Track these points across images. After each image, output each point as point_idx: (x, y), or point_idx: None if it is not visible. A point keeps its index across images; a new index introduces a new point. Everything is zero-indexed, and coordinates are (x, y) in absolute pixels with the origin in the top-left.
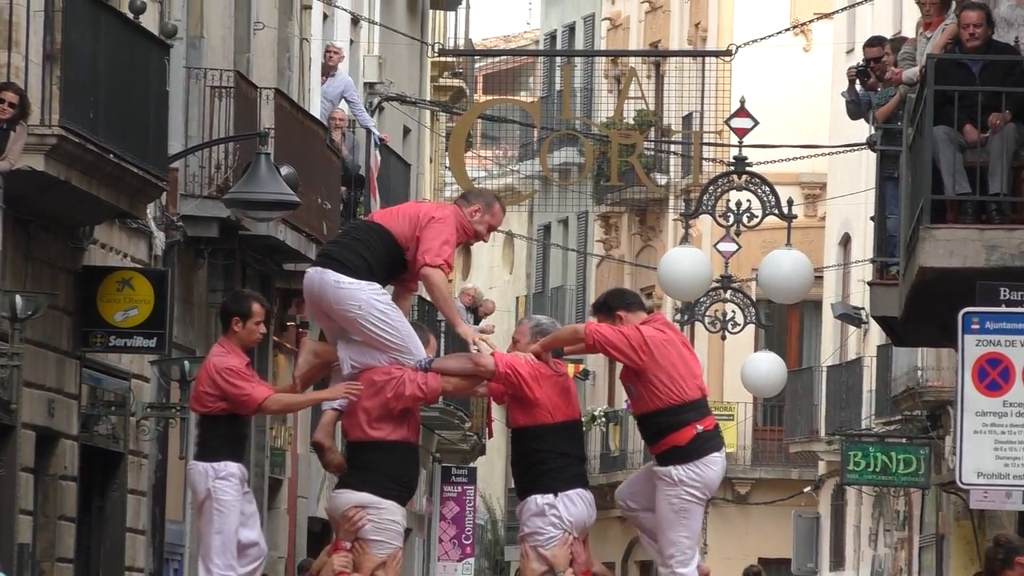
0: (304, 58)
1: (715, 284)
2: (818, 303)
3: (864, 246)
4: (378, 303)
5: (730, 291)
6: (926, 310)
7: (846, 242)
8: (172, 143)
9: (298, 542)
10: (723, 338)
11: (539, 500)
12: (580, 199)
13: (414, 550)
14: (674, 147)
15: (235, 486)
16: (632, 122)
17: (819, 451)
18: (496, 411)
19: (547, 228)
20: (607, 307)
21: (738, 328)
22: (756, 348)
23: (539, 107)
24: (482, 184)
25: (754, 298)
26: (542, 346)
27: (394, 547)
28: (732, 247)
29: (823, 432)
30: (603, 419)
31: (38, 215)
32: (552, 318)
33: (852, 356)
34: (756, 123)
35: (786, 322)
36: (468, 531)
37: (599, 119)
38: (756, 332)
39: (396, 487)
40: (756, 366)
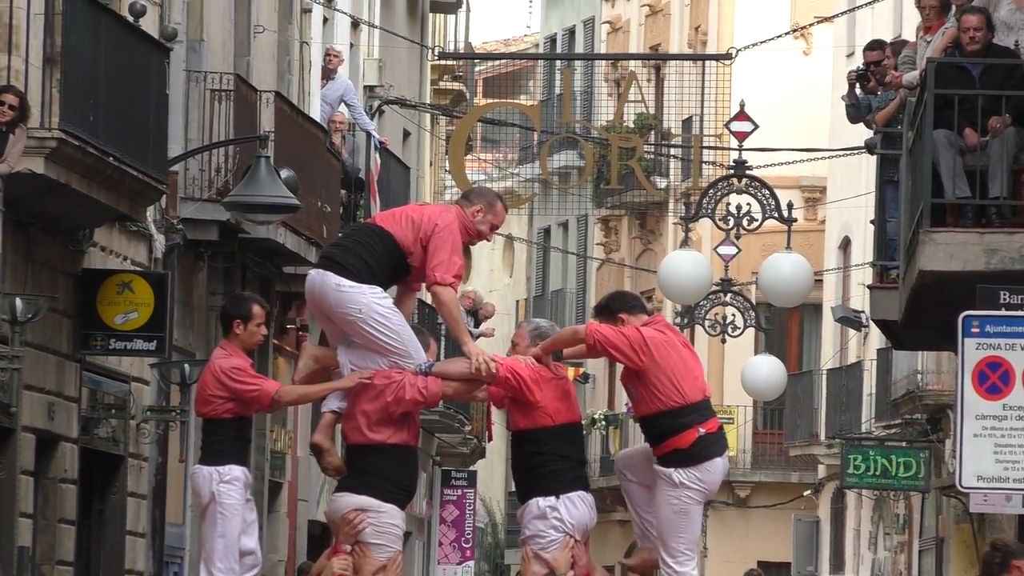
0: (304, 61)
1: (715, 287)
2: (818, 306)
3: (864, 249)
4: (379, 307)
5: (730, 294)
6: (926, 313)
7: (846, 245)
8: (172, 146)
9: (298, 545)
10: (723, 341)
11: (541, 503)
12: (580, 202)
13: (414, 553)
14: (674, 150)
15: (239, 490)
16: (632, 125)
17: (819, 454)
18: (496, 414)
19: (547, 231)
20: (608, 309)
21: (738, 331)
22: (756, 351)
23: (539, 110)
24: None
25: (754, 301)
26: (543, 349)
27: (394, 550)
28: (732, 250)
29: (823, 435)
30: (603, 422)
31: (38, 218)
32: (551, 321)
33: (852, 359)
34: (756, 127)
35: (786, 325)
36: (468, 534)
37: (599, 122)
38: (756, 335)
39: (396, 490)
40: (756, 369)
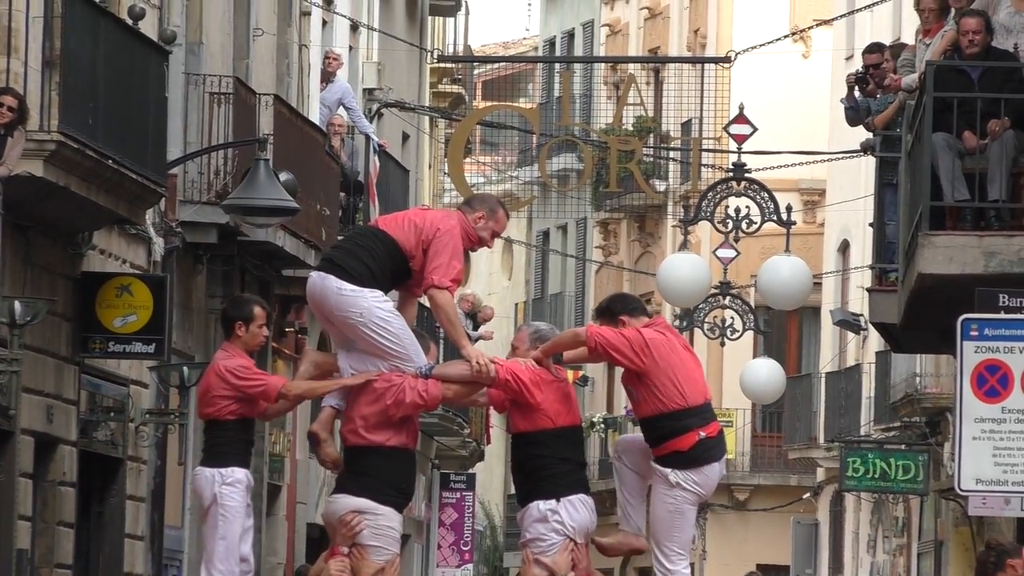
0: (303, 64)
1: (714, 290)
2: (817, 309)
3: (863, 252)
4: (379, 310)
5: (729, 297)
6: (925, 317)
7: (845, 248)
8: (171, 149)
9: (297, 548)
10: (722, 344)
11: (541, 506)
12: (579, 205)
13: (413, 556)
14: (673, 153)
15: (241, 493)
16: (631, 128)
17: (818, 457)
18: (495, 418)
19: (546, 234)
20: (610, 311)
21: (737, 334)
22: (755, 354)
23: (538, 113)
24: (481, 190)
25: (753, 304)
26: (543, 352)
27: (391, 553)
28: (731, 253)
29: (822, 438)
30: (602, 425)
31: (37, 221)
32: (551, 324)
33: (851, 363)
34: (755, 129)
35: (785, 328)
36: (467, 537)
37: (598, 125)
38: (755, 338)
39: (393, 493)
40: (755, 372)
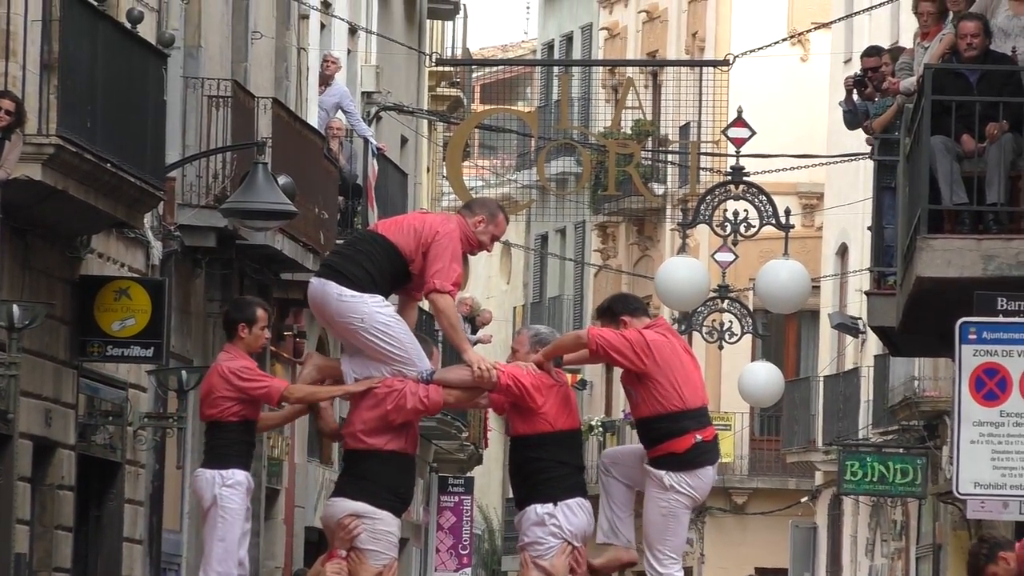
0: (302, 68)
1: (712, 294)
2: (815, 313)
3: (861, 256)
4: (380, 315)
5: (727, 301)
6: (923, 320)
7: (843, 252)
8: (169, 153)
9: (295, 552)
10: (720, 348)
11: (539, 509)
12: (577, 209)
13: (411, 560)
14: (671, 157)
15: (241, 495)
16: (629, 132)
17: (816, 461)
18: (493, 422)
19: (544, 238)
20: (611, 312)
21: (735, 338)
22: (753, 358)
23: (536, 117)
24: (479, 194)
25: (751, 308)
26: (544, 355)
27: (389, 557)
28: (729, 257)
29: (820, 442)
30: (600, 428)
31: (35, 225)
32: (551, 327)
33: (849, 366)
34: (753, 133)
35: (783, 332)
36: (465, 541)
37: (596, 129)
38: (753, 342)
39: (392, 497)
40: (753, 376)
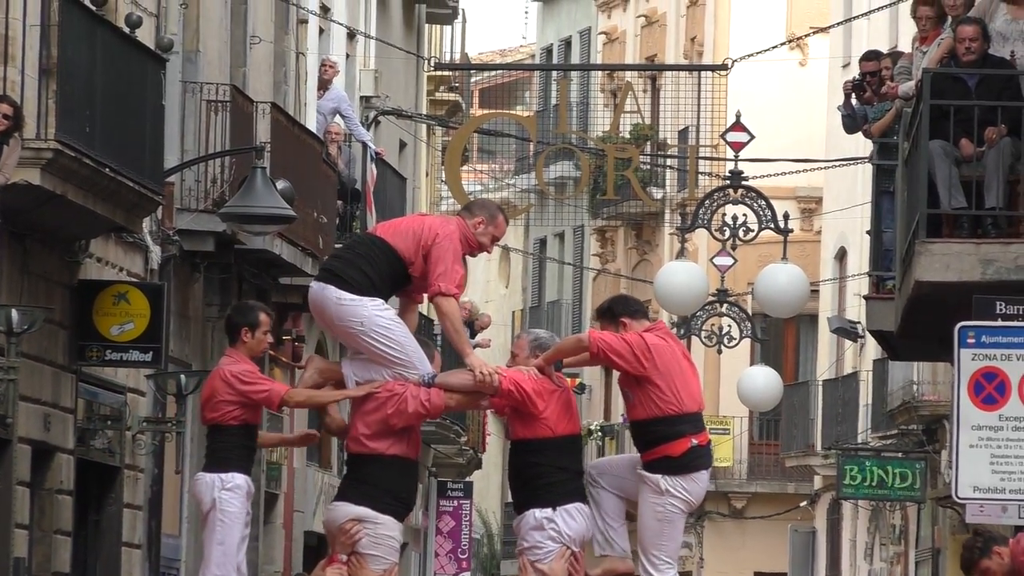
0: (300, 72)
1: (711, 298)
2: (814, 317)
3: (860, 260)
4: (380, 318)
5: (726, 305)
6: (922, 324)
7: (842, 256)
8: (168, 157)
9: (294, 556)
10: (719, 352)
11: (538, 514)
12: (576, 213)
13: (410, 564)
14: (670, 161)
15: (241, 499)
16: (628, 136)
17: (815, 465)
18: (491, 426)
19: (543, 242)
20: (611, 313)
21: (734, 342)
22: (752, 362)
23: (535, 121)
24: (478, 198)
25: (750, 312)
26: (545, 359)
27: (389, 562)
28: (728, 261)
29: (819, 446)
30: (599, 433)
31: (34, 229)
32: (551, 332)
33: (848, 370)
34: (752, 137)
35: (782, 336)
36: (464, 545)
37: (595, 133)
38: (752, 346)
39: (394, 502)
40: (752, 380)
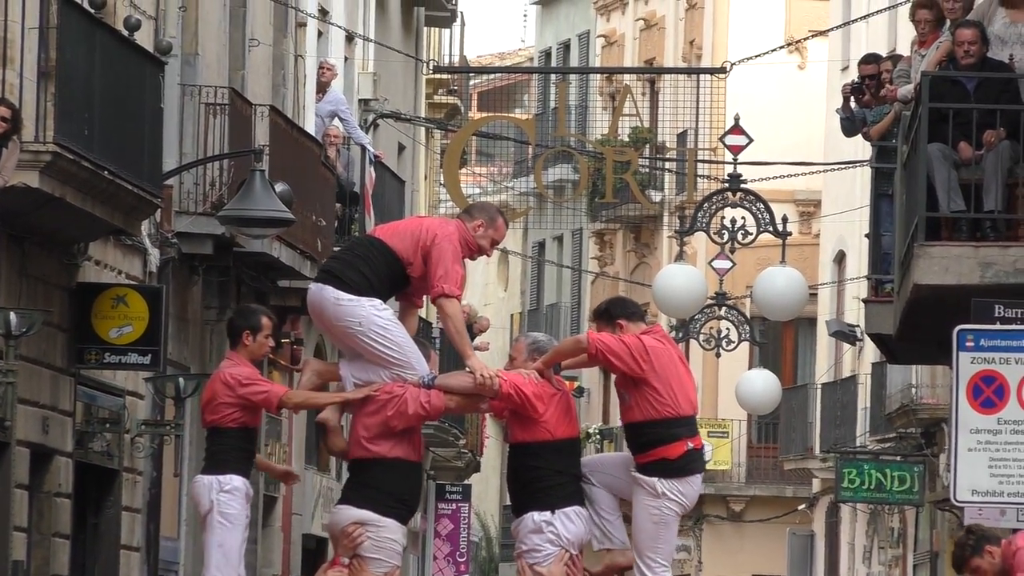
0: (299, 75)
1: (709, 301)
2: (813, 320)
3: (859, 263)
4: (378, 319)
5: (724, 308)
6: (920, 327)
7: (841, 259)
8: (167, 160)
9: (292, 559)
10: (718, 355)
11: (536, 517)
12: (575, 216)
13: (408, 567)
14: (669, 164)
15: (240, 500)
16: (627, 139)
17: (814, 468)
18: (490, 429)
19: (542, 245)
20: (608, 314)
21: (733, 345)
22: (751, 365)
23: (534, 124)
24: (476, 201)
25: (749, 315)
26: (544, 362)
27: (391, 566)
28: (727, 264)
29: (818, 449)
30: (598, 436)
31: (32, 232)
32: (549, 335)
33: (847, 373)
34: (750, 140)
35: (781, 339)
36: (462, 548)
37: (594, 136)
38: (751, 349)
39: (397, 505)
40: (751, 383)
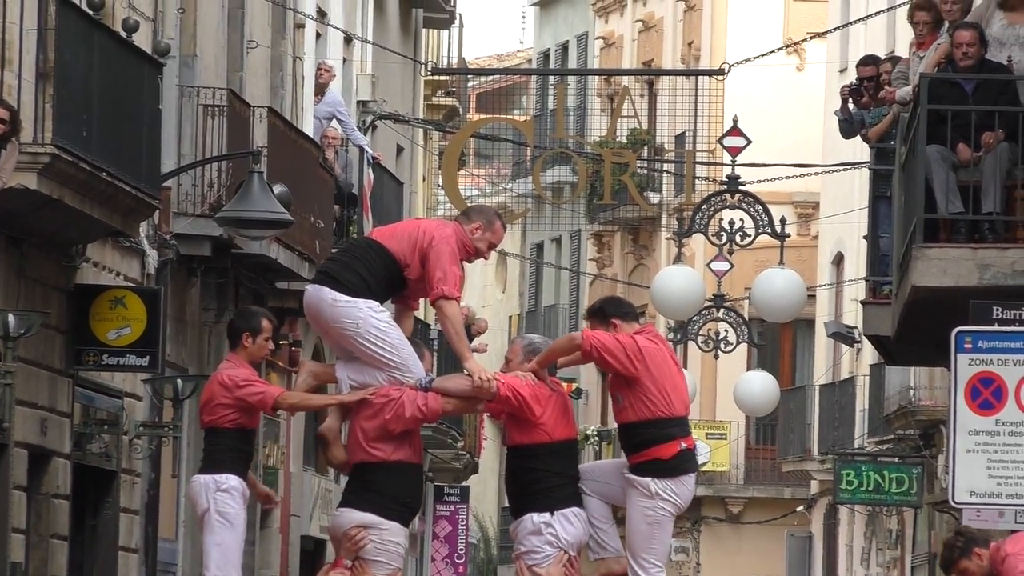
0: (297, 76)
1: (708, 303)
2: (811, 322)
3: (857, 265)
4: (376, 320)
5: (723, 310)
6: (919, 329)
7: (839, 261)
8: (165, 161)
9: (291, 561)
10: (716, 357)
11: (535, 518)
12: (573, 218)
13: (407, 569)
14: (667, 166)
15: (237, 500)
16: (625, 141)
17: (812, 470)
18: (488, 431)
19: (540, 247)
20: (602, 313)
21: (731, 347)
22: (749, 367)
23: (532, 126)
24: (475, 203)
25: (747, 317)
26: (539, 362)
27: (393, 568)
28: (725, 266)
29: (816, 451)
30: (596, 437)
31: (31, 233)
32: (544, 337)
33: (845, 375)
34: (749, 142)
35: (779, 341)
36: (461, 550)
37: (592, 138)
38: (749, 351)
39: (399, 508)
40: (749, 385)
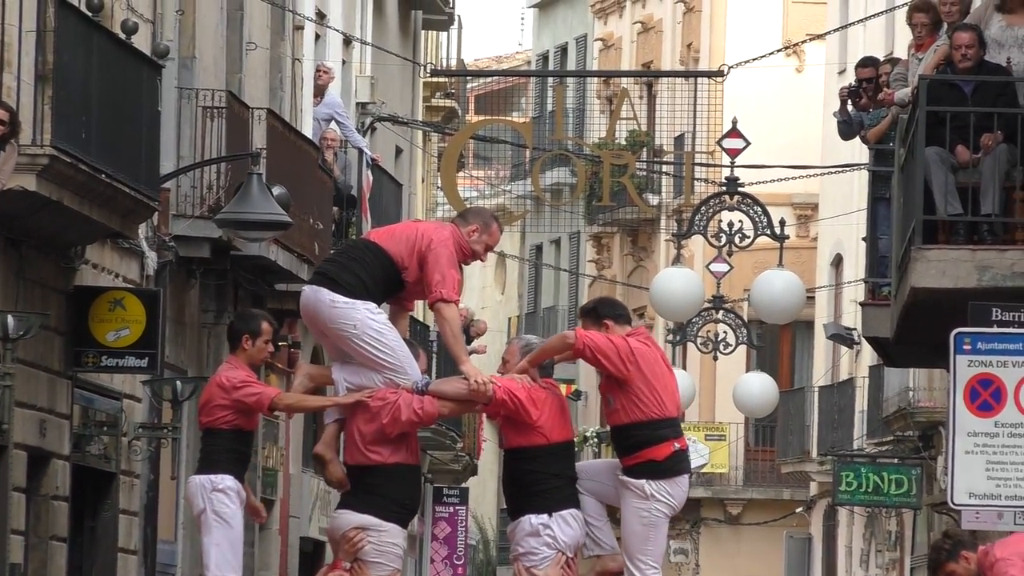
0: (296, 78)
1: (707, 304)
2: (810, 323)
3: (856, 267)
4: (373, 322)
5: (722, 311)
6: (918, 331)
7: (838, 263)
8: (164, 163)
9: (290, 562)
10: (715, 358)
11: (533, 520)
12: (572, 219)
13: (406, 570)
14: (666, 167)
15: (233, 500)
16: (624, 142)
17: (811, 471)
18: (487, 432)
19: (539, 248)
20: (596, 313)
21: (730, 348)
22: (748, 368)
23: (531, 127)
24: (474, 204)
25: (746, 318)
26: (530, 361)
27: (392, 569)
28: (724, 267)
29: (815, 452)
30: (595, 439)
31: (30, 235)
32: (541, 338)
33: (844, 376)
34: (748, 143)
35: (778, 342)
36: (460, 551)
37: (591, 139)
38: (748, 352)
39: (398, 509)
40: (748, 386)
